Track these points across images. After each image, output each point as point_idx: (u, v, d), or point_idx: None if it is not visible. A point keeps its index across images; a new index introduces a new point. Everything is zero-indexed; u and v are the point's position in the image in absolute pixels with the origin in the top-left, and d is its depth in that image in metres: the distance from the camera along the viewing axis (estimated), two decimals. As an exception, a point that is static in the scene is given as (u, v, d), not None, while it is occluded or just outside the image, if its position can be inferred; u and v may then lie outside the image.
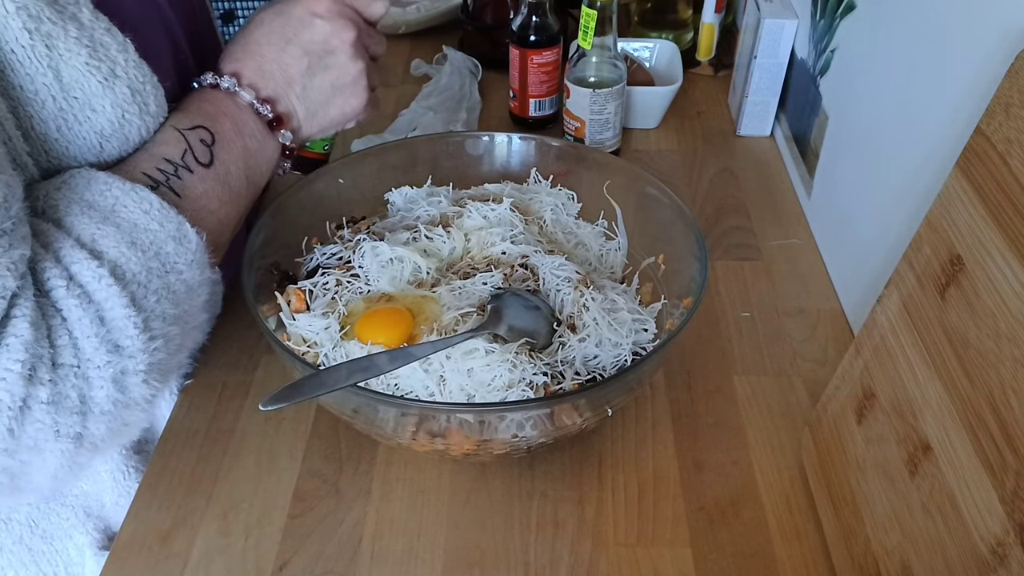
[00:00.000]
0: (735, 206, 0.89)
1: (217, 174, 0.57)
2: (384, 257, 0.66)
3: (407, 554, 0.58)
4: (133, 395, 0.49)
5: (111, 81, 0.52)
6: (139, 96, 0.54)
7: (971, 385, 0.43)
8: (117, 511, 0.67)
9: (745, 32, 1.00)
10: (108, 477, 0.66)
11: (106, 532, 0.69)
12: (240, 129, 0.59)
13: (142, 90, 0.54)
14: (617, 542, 0.58)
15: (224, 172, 0.57)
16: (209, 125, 0.57)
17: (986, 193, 0.43)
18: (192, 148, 0.56)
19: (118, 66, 0.52)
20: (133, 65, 0.53)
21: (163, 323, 0.50)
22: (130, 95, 0.53)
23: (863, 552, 0.51)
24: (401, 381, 0.58)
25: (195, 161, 0.56)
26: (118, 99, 0.52)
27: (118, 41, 0.52)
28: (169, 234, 0.51)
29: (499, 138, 0.77)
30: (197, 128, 0.56)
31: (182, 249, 0.52)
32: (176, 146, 0.55)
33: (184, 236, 0.52)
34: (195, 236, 0.53)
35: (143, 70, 0.54)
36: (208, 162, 0.56)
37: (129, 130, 0.54)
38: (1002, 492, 0.39)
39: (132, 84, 0.53)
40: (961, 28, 0.56)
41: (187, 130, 0.56)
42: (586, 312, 0.62)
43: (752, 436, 0.65)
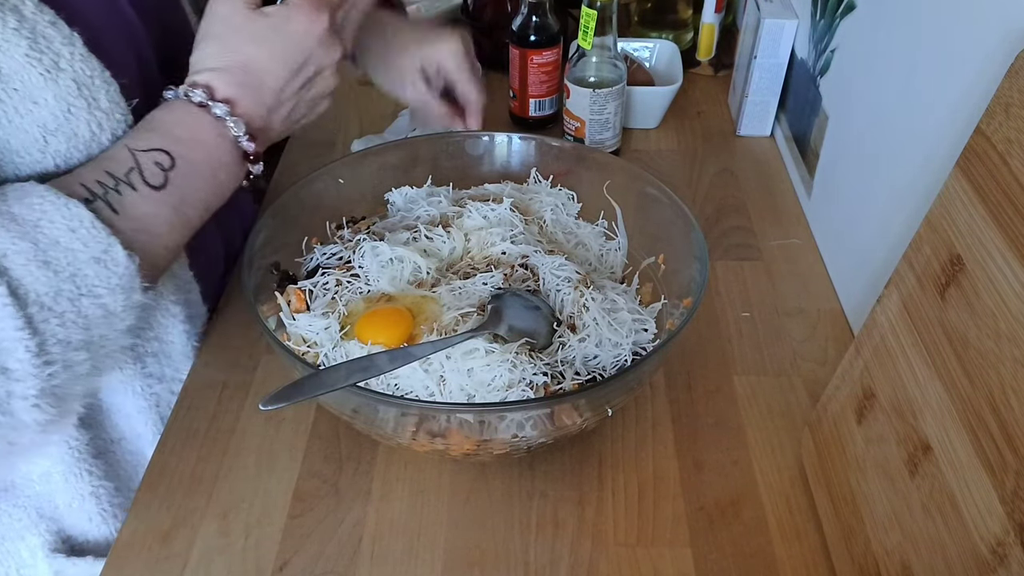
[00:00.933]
0: (735, 206, 0.89)
1: (168, 200, 0.54)
2: (384, 257, 0.66)
3: (407, 554, 0.58)
4: (21, 419, 0.46)
5: (54, 73, 0.51)
6: (86, 90, 0.52)
7: (971, 385, 0.43)
8: (71, 513, 0.66)
9: (745, 32, 0.99)
10: (61, 479, 0.65)
11: (59, 534, 0.67)
12: (214, 161, 0.56)
13: (90, 84, 0.53)
14: (617, 542, 0.58)
15: (179, 200, 0.54)
16: (172, 150, 0.54)
17: (986, 193, 0.43)
18: (141, 167, 0.53)
19: (62, 59, 0.51)
20: (80, 58, 0.52)
21: (65, 348, 0.48)
22: (75, 88, 0.52)
23: (863, 552, 0.51)
24: (401, 381, 0.58)
25: (142, 181, 0.53)
26: (62, 92, 0.51)
27: (63, 34, 0.51)
28: (92, 255, 0.49)
29: (499, 138, 0.77)
30: (154, 151, 0.54)
31: (105, 273, 0.49)
32: (123, 163, 0.53)
33: (111, 259, 0.49)
34: (125, 259, 0.50)
35: (91, 64, 0.53)
36: (159, 185, 0.53)
37: (76, 125, 0.52)
38: (1002, 492, 0.39)
39: (78, 77, 0.52)
40: (961, 28, 0.56)
41: (142, 151, 0.53)
42: (586, 312, 0.62)
43: (752, 436, 0.65)
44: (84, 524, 0.67)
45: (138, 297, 0.52)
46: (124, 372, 0.66)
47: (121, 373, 0.66)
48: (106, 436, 0.67)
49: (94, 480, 0.66)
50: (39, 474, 0.64)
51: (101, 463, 0.66)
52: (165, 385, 0.70)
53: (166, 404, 0.69)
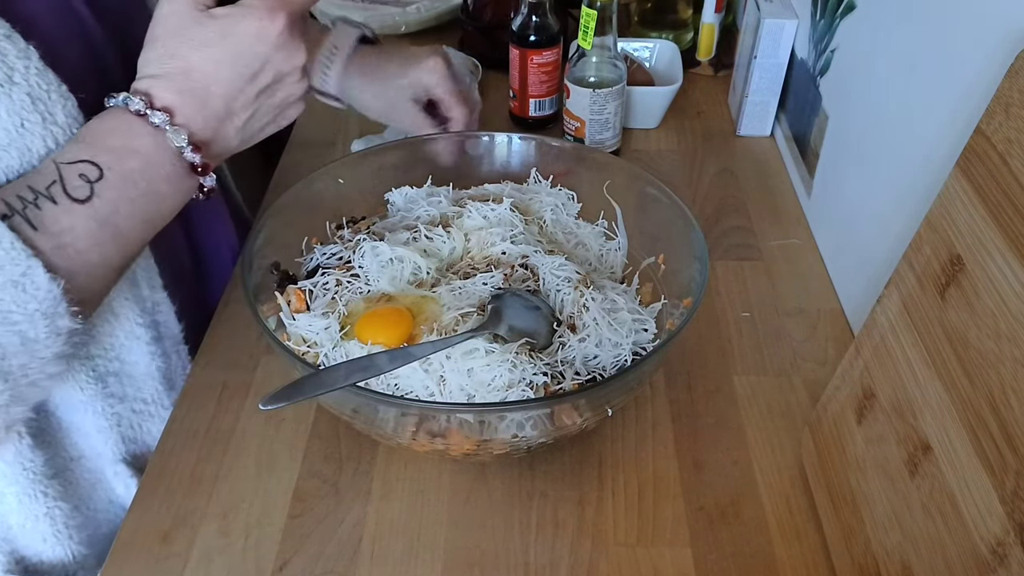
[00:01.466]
0: (735, 206, 0.89)
1: (95, 212, 0.50)
2: (384, 257, 0.66)
3: (407, 554, 0.58)
4: None
5: (7, 87, 0.49)
6: (41, 104, 0.51)
7: (971, 385, 0.43)
8: (24, 534, 0.64)
9: (745, 32, 0.99)
10: (14, 499, 0.63)
11: (12, 555, 0.65)
12: (150, 172, 0.53)
13: (45, 98, 0.51)
14: (617, 542, 0.58)
15: (108, 212, 0.51)
16: (101, 160, 0.51)
17: (986, 193, 0.43)
18: (64, 180, 0.49)
19: (16, 72, 0.50)
20: (35, 72, 0.51)
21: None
22: (30, 102, 0.50)
23: (863, 552, 0.51)
24: (401, 381, 0.58)
25: (64, 194, 0.49)
26: (15, 106, 0.50)
27: (18, 48, 0.50)
28: (8, 279, 0.46)
29: (499, 138, 0.77)
30: (81, 163, 0.50)
31: (23, 297, 0.46)
32: (47, 177, 0.50)
33: (30, 282, 0.46)
34: (46, 282, 0.47)
35: (47, 78, 0.51)
36: (83, 197, 0.50)
37: (30, 140, 0.51)
38: (1002, 492, 0.39)
39: (33, 92, 0.50)
40: (961, 28, 0.56)
41: (67, 163, 0.50)
42: (586, 312, 0.62)
43: (752, 436, 0.65)
44: (38, 545, 0.65)
45: (65, 323, 0.48)
46: (84, 392, 0.64)
47: (81, 393, 0.63)
48: (64, 455, 0.65)
49: (49, 501, 0.64)
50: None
51: (57, 483, 0.64)
52: (127, 405, 0.68)
53: (128, 424, 0.68)
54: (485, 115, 1.03)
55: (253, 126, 0.58)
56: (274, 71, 0.56)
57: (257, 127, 0.58)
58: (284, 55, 0.55)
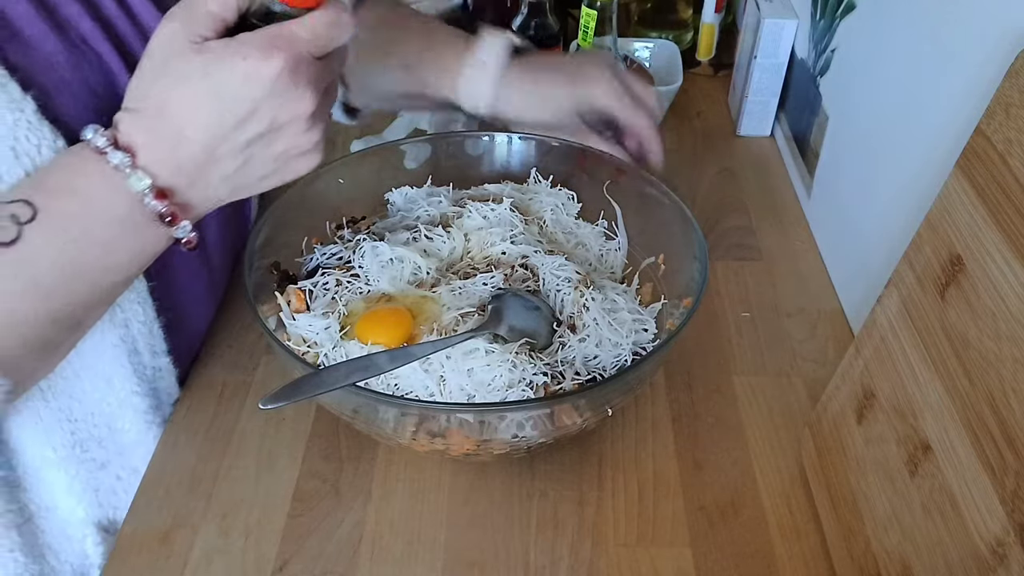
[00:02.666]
0: (735, 206, 0.89)
1: (17, 259, 0.45)
2: (384, 257, 0.66)
3: (407, 554, 0.58)
4: None
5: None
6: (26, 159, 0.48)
7: (971, 385, 0.43)
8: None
9: (745, 32, 1.00)
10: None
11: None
12: (94, 215, 0.47)
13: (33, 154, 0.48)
14: (617, 542, 0.58)
15: (30, 258, 0.45)
16: (37, 200, 0.45)
17: (986, 193, 0.43)
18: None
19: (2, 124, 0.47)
20: (26, 126, 0.48)
21: None
22: (12, 158, 0.47)
23: (863, 552, 0.51)
24: (401, 381, 0.58)
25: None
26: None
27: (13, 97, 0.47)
28: None
29: (499, 138, 0.77)
30: (16, 202, 0.45)
31: None
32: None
33: None
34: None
35: (40, 132, 0.48)
36: (9, 240, 0.44)
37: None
38: (1002, 492, 0.39)
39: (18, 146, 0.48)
40: (961, 28, 0.56)
41: (5, 203, 0.45)
42: (586, 312, 0.62)
43: (752, 436, 0.65)
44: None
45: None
46: (57, 453, 0.59)
47: (54, 454, 0.59)
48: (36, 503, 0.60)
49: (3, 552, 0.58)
50: None
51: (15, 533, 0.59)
52: (110, 472, 0.63)
53: (108, 489, 0.63)
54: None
55: (248, 175, 0.50)
56: (268, 119, 0.47)
57: (254, 177, 0.51)
58: (279, 102, 0.47)
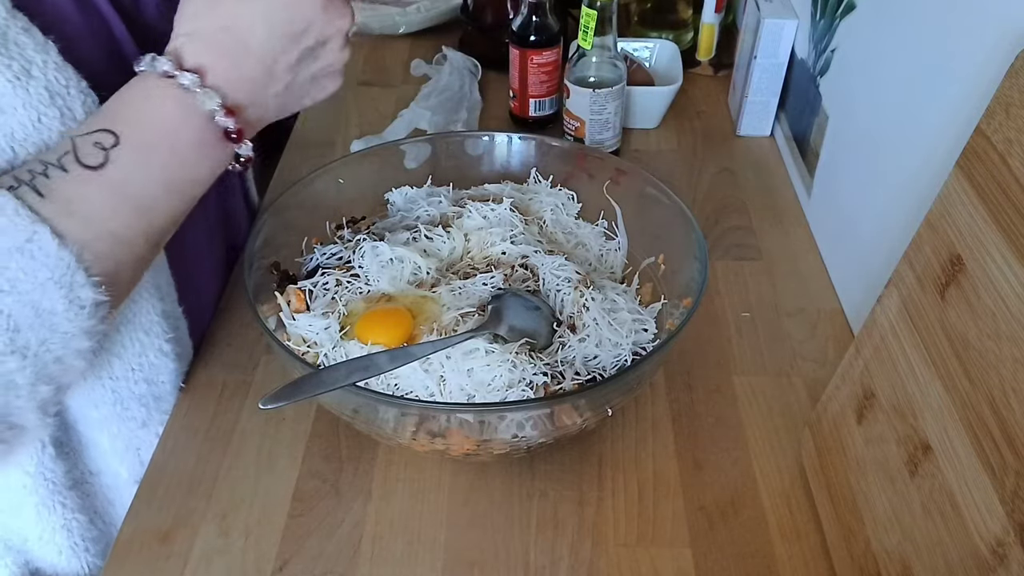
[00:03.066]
0: (735, 206, 0.89)
1: (109, 180, 0.47)
2: (384, 257, 0.66)
3: (407, 554, 0.58)
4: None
5: (24, 81, 0.48)
6: (59, 99, 0.50)
7: (971, 385, 0.43)
8: (42, 546, 0.63)
9: (745, 32, 0.99)
10: (32, 511, 0.61)
11: (27, 566, 0.64)
12: (175, 138, 0.49)
13: (64, 93, 0.50)
14: (617, 542, 0.58)
15: (122, 179, 0.48)
16: (118, 128, 0.48)
17: (986, 193, 0.43)
18: (76, 149, 0.47)
19: (34, 66, 0.49)
20: (54, 67, 0.49)
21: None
22: (48, 97, 0.49)
23: (863, 552, 0.51)
24: (401, 381, 0.58)
25: (75, 162, 0.47)
26: (32, 100, 0.49)
27: (37, 41, 0.49)
28: (13, 245, 0.43)
29: (499, 138, 0.77)
30: (97, 132, 0.48)
31: (32, 265, 0.44)
32: (59, 149, 0.48)
33: (39, 249, 0.44)
34: (56, 249, 0.44)
35: (66, 73, 0.50)
36: (96, 164, 0.47)
37: (48, 135, 0.49)
38: (1002, 492, 0.39)
39: (51, 86, 0.49)
40: (961, 28, 0.56)
41: (82, 135, 0.48)
42: (586, 312, 0.62)
43: (752, 436, 0.65)
44: (54, 557, 0.64)
45: (87, 294, 0.46)
46: (99, 411, 0.62)
47: (96, 411, 0.61)
48: (83, 468, 0.64)
49: (67, 513, 0.62)
50: (9, 505, 0.61)
51: (75, 495, 0.63)
52: (150, 430, 0.66)
53: (148, 447, 0.65)
54: (485, 115, 1.04)
55: (291, 96, 0.54)
56: (318, 34, 0.52)
57: (294, 98, 0.54)
58: (327, 18, 0.52)
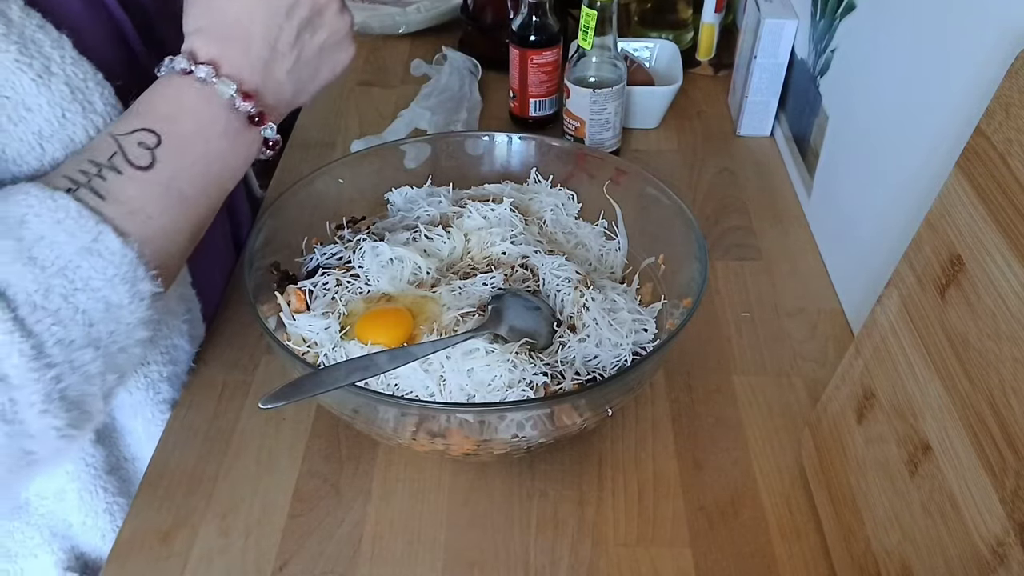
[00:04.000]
0: (735, 206, 0.89)
1: (159, 178, 0.50)
2: (384, 257, 0.66)
3: (407, 554, 0.58)
4: (30, 428, 0.44)
5: (46, 78, 0.49)
6: (80, 93, 0.51)
7: (971, 385, 0.43)
8: (85, 531, 0.65)
9: (745, 32, 0.99)
10: (75, 496, 0.63)
11: (73, 552, 0.66)
12: (206, 130, 0.52)
13: (83, 87, 0.51)
14: (617, 542, 0.58)
15: (169, 176, 0.50)
16: (156, 127, 0.50)
17: (986, 193, 0.43)
18: (124, 150, 0.49)
19: (53, 63, 0.50)
20: (71, 62, 0.51)
21: (66, 349, 0.45)
22: (69, 92, 0.50)
23: (863, 552, 0.51)
24: (401, 381, 0.58)
25: (127, 163, 0.49)
26: (55, 97, 0.50)
27: (52, 37, 0.50)
28: (82, 246, 0.46)
29: (499, 138, 0.77)
30: (138, 132, 0.50)
31: (100, 263, 0.46)
32: (106, 150, 0.50)
33: (105, 248, 0.46)
34: (120, 247, 0.47)
35: (83, 67, 0.51)
36: (147, 165, 0.50)
37: (73, 130, 0.51)
38: (1002, 492, 0.39)
39: (71, 81, 0.51)
40: (961, 28, 0.56)
41: (123, 135, 0.50)
42: (586, 312, 0.62)
43: (752, 436, 0.65)
44: (97, 541, 0.66)
45: (147, 287, 0.49)
46: (133, 396, 0.64)
47: (130, 397, 0.64)
48: (119, 454, 0.66)
49: (108, 497, 0.64)
50: (53, 491, 0.63)
51: (115, 479, 0.65)
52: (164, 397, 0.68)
53: None
54: (485, 115, 1.04)
55: (304, 71, 0.56)
56: (310, 3, 0.54)
57: (308, 73, 0.57)
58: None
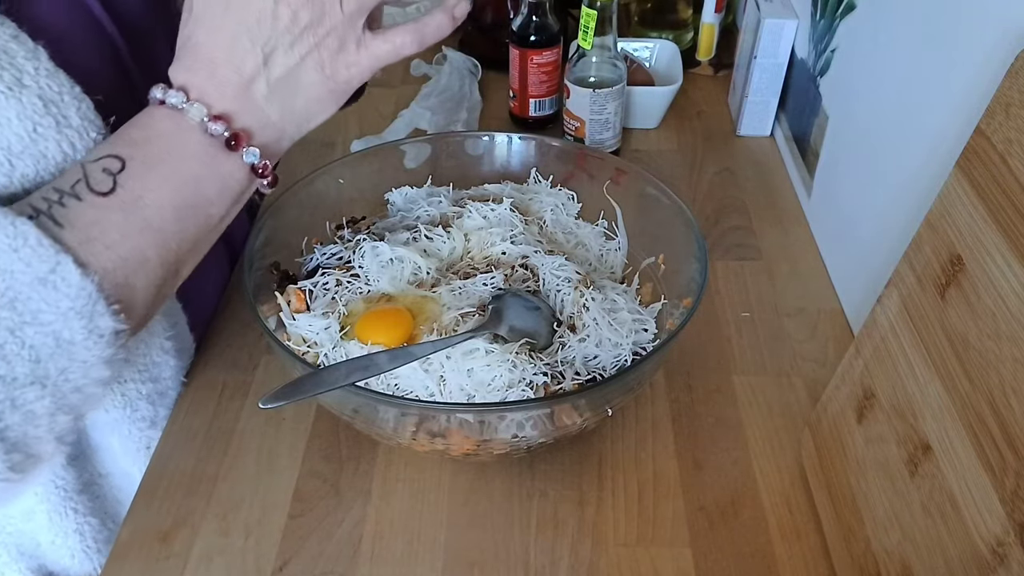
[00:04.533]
0: (735, 206, 0.89)
1: (121, 203, 0.47)
2: (384, 257, 0.66)
3: (407, 554, 0.58)
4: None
5: (16, 91, 0.47)
6: (54, 107, 0.49)
7: (971, 385, 0.43)
8: (54, 550, 0.64)
9: (745, 32, 1.00)
10: (44, 517, 0.61)
11: (41, 570, 0.65)
12: (175, 154, 0.49)
13: (58, 101, 0.49)
14: (617, 542, 0.58)
15: (131, 201, 0.47)
16: (124, 152, 0.48)
17: (986, 193, 0.43)
18: (88, 177, 0.47)
19: (26, 75, 0.47)
20: (46, 74, 0.48)
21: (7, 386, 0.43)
22: (42, 106, 0.48)
23: (863, 552, 0.51)
24: (401, 381, 0.58)
25: (87, 189, 0.46)
26: (26, 110, 0.47)
27: (27, 48, 0.48)
28: (36, 276, 0.43)
29: (499, 138, 0.77)
30: (104, 158, 0.48)
31: (54, 295, 0.43)
32: (71, 177, 0.47)
33: (62, 279, 0.43)
34: (79, 279, 0.44)
35: (59, 79, 0.49)
36: (107, 190, 0.47)
37: (45, 145, 0.48)
38: (1002, 492, 0.39)
39: (44, 94, 0.48)
40: (961, 28, 0.56)
41: (92, 162, 0.48)
42: (586, 312, 0.62)
43: (752, 436, 0.65)
44: (66, 560, 0.65)
45: (107, 323, 0.45)
46: (110, 415, 0.62)
47: (106, 415, 0.62)
48: (92, 470, 0.64)
49: (79, 517, 0.63)
50: (21, 512, 0.61)
51: (86, 498, 0.63)
52: (157, 427, 0.66)
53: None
54: (485, 115, 1.04)
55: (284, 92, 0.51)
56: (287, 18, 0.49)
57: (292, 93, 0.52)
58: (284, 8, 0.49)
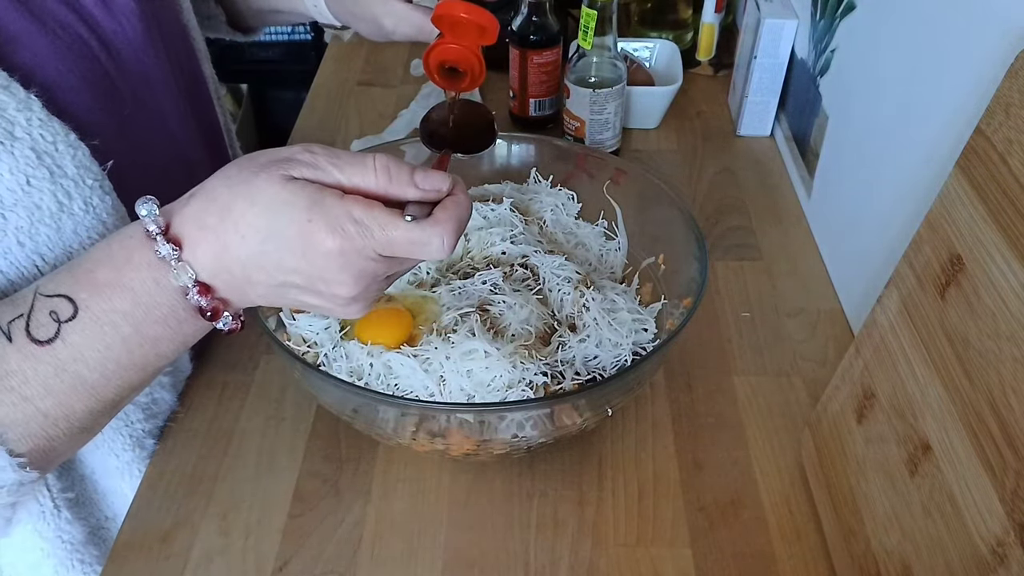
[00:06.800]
0: (735, 206, 0.89)
1: (55, 358, 0.43)
2: (384, 257, 0.66)
3: (407, 554, 0.58)
4: None
5: (8, 144, 0.46)
6: (47, 158, 0.48)
7: (971, 385, 0.43)
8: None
9: (745, 32, 0.99)
10: (51, 571, 0.60)
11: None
12: (142, 314, 0.44)
13: (51, 151, 0.48)
14: (617, 542, 0.58)
15: (69, 357, 0.44)
16: (80, 297, 0.44)
17: (986, 193, 0.43)
18: (31, 316, 0.43)
19: (17, 126, 0.46)
20: (38, 124, 0.47)
21: None
22: (35, 158, 0.47)
23: (863, 552, 0.51)
24: (401, 381, 0.58)
25: (23, 332, 0.43)
26: (19, 163, 0.46)
27: (18, 99, 0.47)
28: None
29: (499, 138, 0.77)
30: (58, 297, 0.44)
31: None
32: (16, 308, 0.44)
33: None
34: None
35: (52, 128, 0.48)
36: (46, 339, 0.43)
37: (40, 197, 0.47)
38: (1002, 492, 0.39)
39: (37, 145, 0.47)
40: (961, 28, 0.56)
41: (45, 296, 0.44)
42: (586, 312, 0.62)
43: (752, 436, 0.65)
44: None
45: (8, 476, 0.43)
46: (120, 459, 0.62)
47: (117, 460, 0.62)
48: (99, 515, 0.64)
49: (85, 567, 0.62)
50: (28, 565, 0.60)
51: (93, 547, 0.62)
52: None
53: None
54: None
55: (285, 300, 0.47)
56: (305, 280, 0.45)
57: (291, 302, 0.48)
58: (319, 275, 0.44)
